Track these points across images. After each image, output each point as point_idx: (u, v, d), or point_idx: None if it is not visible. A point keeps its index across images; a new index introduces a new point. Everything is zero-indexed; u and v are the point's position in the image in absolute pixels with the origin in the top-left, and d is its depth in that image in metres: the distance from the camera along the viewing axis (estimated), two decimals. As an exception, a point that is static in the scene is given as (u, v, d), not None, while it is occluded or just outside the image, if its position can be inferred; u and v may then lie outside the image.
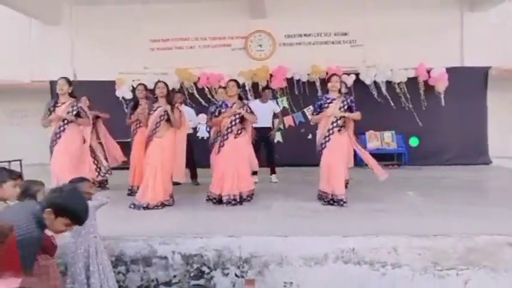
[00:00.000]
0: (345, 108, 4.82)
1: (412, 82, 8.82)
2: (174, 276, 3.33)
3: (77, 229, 2.83)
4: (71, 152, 4.90)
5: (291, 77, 8.96)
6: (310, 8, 9.08)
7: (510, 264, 3.29)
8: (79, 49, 9.45)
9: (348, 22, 9.15)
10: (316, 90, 8.80)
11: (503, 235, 3.37)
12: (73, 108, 5.00)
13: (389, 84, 8.86)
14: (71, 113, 4.96)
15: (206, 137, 6.60)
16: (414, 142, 9.00)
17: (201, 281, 3.32)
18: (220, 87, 6.83)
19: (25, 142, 8.91)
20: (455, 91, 8.68)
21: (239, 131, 4.94)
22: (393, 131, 8.89)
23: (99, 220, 2.99)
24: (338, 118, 4.76)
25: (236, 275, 3.34)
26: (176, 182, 5.23)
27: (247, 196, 4.91)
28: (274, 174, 6.74)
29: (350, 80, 8.72)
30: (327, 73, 8.42)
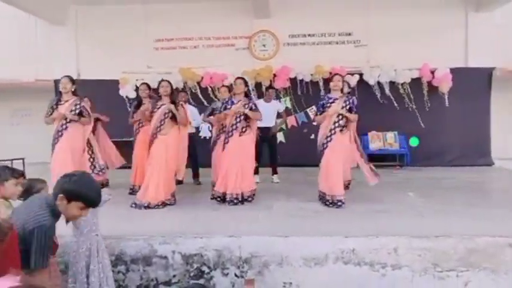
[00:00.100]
0: (347, 108, 4.82)
1: (416, 83, 8.78)
2: (174, 275, 3.35)
3: (80, 227, 2.86)
4: (73, 150, 4.93)
5: (295, 77, 8.94)
6: (314, 8, 9.06)
7: (510, 265, 3.28)
8: (83, 48, 9.48)
9: (352, 22, 9.12)
10: (319, 90, 8.77)
11: (504, 236, 3.36)
12: (76, 106, 5.04)
13: (392, 84, 8.81)
14: (74, 112, 5.00)
15: (208, 137, 6.61)
16: (414, 142, 8.96)
17: (201, 281, 3.33)
18: (223, 86, 6.82)
19: (28, 141, 8.94)
20: (459, 92, 8.62)
21: (244, 129, 4.93)
22: (396, 132, 8.86)
23: (100, 219, 3.00)
24: (340, 118, 4.75)
25: (236, 275, 3.35)
26: (179, 181, 5.26)
27: (248, 196, 4.91)
28: (276, 174, 6.73)
29: (354, 80, 8.69)
30: (331, 73, 8.42)
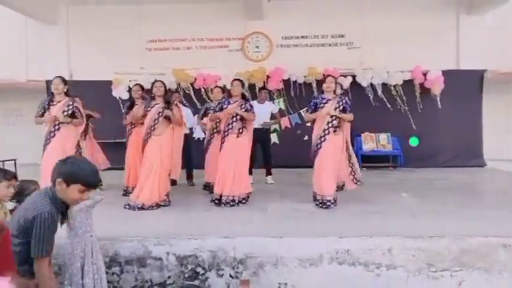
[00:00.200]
0: (340, 108, 4.83)
1: (408, 84, 8.86)
2: (169, 277, 3.32)
3: (74, 229, 2.82)
4: (64, 151, 4.86)
5: (288, 79, 8.97)
6: (307, 10, 9.11)
7: (504, 265, 3.31)
8: (75, 49, 9.41)
9: (345, 24, 9.18)
10: (312, 92, 8.79)
11: (497, 237, 3.38)
12: (69, 107, 4.98)
13: (385, 86, 8.88)
14: (67, 112, 4.95)
15: (202, 138, 6.59)
16: (414, 142, 9.03)
17: (196, 282, 3.31)
18: (216, 86, 6.80)
19: (20, 142, 8.85)
20: (451, 94, 8.73)
21: (240, 130, 4.92)
22: (389, 133, 8.92)
23: (94, 220, 2.97)
24: (333, 118, 4.76)
25: (231, 276, 3.34)
26: (173, 182, 5.23)
27: (243, 198, 4.89)
28: (270, 175, 6.74)
29: (347, 82, 8.74)
30: (324, 75, 8.44)
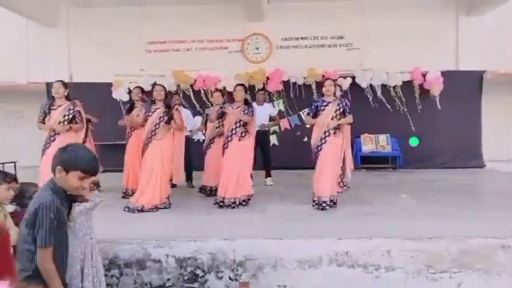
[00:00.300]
0: (341, 111, 4.84)
1: (408, 85, 8.87)
2: (168, 279, 3.33)
3: (75, 231, 2.82)
4: None
5: (288, 80, 8.98)
6: (306, 12, 9.13)
7: (503, 266, 3.31)
8: (75, 51, 9.44)
9: (345, 26, 9.20)
10: (312, 93, 8.82)
11: (497, 238, 3.39)
12: (69, 111, 4.97)
13: (384, 87, 8.90)
14: (68, 117, 4.94)
15: (202, 140, 6.60)
16: (414, 142, 9.04)
17: (195, 285, 3.32)
18: (216, 90, 6.81)
19: (20, 144, 8.85)
20: (450, 95, 8.73)
21: (243, 134, 4.95)
22: (388, 134, 8.93)
23: (94, 223, 2.98)
24: (334, 120, 4.78)
25: (230, 278, 3.34)
26: (172, 185, 5.24)
27: (243, 200, 4.90)
28: (269, 177, 6.74)
29: (346, 83, 8.75)
30: (323, 76, 8.47)
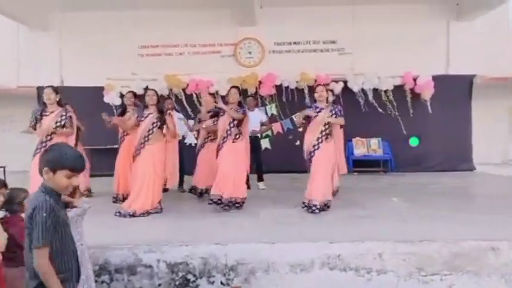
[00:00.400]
0: (333, 117, 4.88)
1: (399, 90, 8.95)
2: (159, 284, 3.30)
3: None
4: None
5: (280, 84, 9.02)
6: (299, 17, 9.17)
7: (493, 268, 3.34)
8: (67, 55, 9.38)
9: (337, 30, 9.26)
10: (304, 97, 8.86)
11: (487, 240, 3.42)
12: (62, 118, 4.92)
13: (376, 91, 8.96)
14: (60, 123, 4.89)
15: (194, 144, 6.58)
16: (414, 142, 9.10)
17: (187, 290, 3.30)
18: (209, 94, 6.80)
19: (10, 148, 8.75)
20: (441, 99, 8.83)
21: (237, 136, 4.95)
22: (380, 138, 8.99)
23: (84, 228, 2.95)
24: (327, 127, 4.81)
25: (222, 283, 3.32)
26: (164, 189, 5.21)
27: (237, 203, 4.88)
28: (261, 181, 6.74)
29: (338, 88, 8.81)
30: (316, 80, 8.52)
